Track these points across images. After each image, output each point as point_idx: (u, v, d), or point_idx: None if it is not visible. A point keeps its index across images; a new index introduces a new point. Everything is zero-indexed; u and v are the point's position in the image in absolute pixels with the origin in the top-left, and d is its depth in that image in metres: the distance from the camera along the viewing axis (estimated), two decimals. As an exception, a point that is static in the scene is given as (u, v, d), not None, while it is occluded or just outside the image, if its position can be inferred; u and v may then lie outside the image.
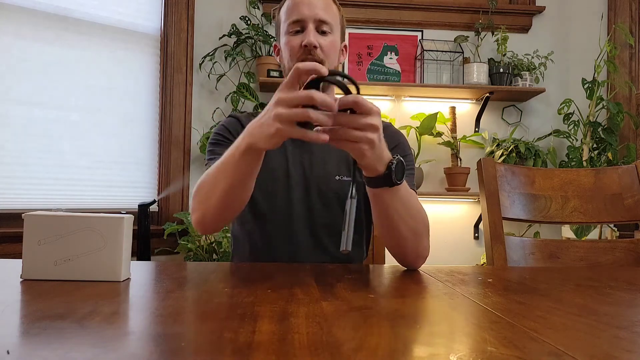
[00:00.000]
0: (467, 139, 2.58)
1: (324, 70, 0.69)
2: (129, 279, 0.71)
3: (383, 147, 0.76)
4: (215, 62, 2.48)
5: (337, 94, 0.81)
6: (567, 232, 2.41)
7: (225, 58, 2.47)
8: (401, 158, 0.79)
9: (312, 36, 1.02)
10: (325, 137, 0.68)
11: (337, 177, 1.07)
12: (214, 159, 1.03)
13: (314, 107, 0.68)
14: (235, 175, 0.84)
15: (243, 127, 1.08)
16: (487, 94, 2.52)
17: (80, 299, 0.58)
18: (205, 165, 1.07)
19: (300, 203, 1.07)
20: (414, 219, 0.88)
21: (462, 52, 2.61)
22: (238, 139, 0.82)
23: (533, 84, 2.55)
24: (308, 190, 1.07)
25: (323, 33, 1.04)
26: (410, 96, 2.59)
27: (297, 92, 0.68)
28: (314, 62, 0.72)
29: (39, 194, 2.10)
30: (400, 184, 0.80)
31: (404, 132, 2.53)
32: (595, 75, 2.47)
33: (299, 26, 1.04)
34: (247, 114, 1.17)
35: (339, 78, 0.72)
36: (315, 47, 1.02)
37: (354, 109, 0.70)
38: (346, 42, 1.16)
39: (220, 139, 1.09)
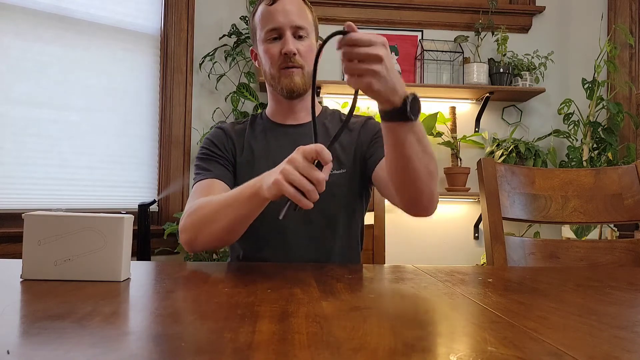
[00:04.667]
0: (467, 139, 2.58)
1: (329, 158, 0.76)
2: (129, 279, 0.71)
3: (395, 78, 0.76)
4: (215, 62, 2.48)
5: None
6: (567, 232, 2.41)
7: (225, 58, 2.47)
8: (416, 95, 0.79)
9: (290, 44, 1.05)
10: (309, 204, 0.76)
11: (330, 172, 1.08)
12: (201, 174, 1.07)
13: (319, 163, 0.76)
14: (239, 212, 0.89)
15: (229, 137, 1.15)
16: (487, 94, 2.52)
17: (80, 299, 0.58)
18: (194, 179, 1.09)
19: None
20: (429, 157, 0.87)
21: (462, 52, 2.61)
22: (250, 182, 0.88)
23: (533, 84, 2.55)
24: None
25: (300, 38, 1.07)
26: (410, 96, 2.59)
27: (307, 164, 0.75)
28: (329, 155, 0.77)
29: (39, 194, 2.10)
30: (415, 119, 0.80)
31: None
32: (595, 75, 2.47)
33: (276, 34, 1.07)
34: (231, 123, 1.20)
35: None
36: (294, 54, 1.05)
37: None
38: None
39: (208, 154, 1.11)
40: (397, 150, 0.85)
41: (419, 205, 0.91)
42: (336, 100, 2.52)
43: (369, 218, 1.24)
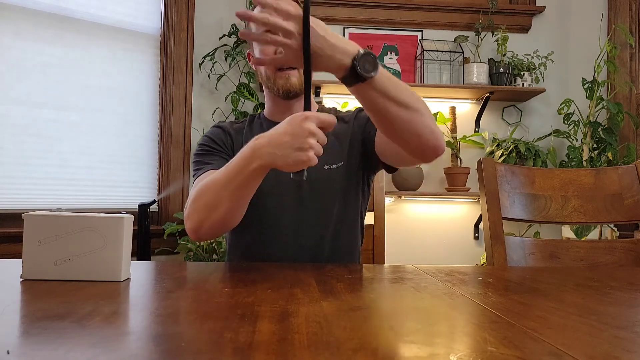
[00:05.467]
0: (467, 139, 2.58)
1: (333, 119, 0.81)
2: (129, 279, 0.71)
3: (333, 42, 0.76)
4: (215, 62, 2.48)
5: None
6: (567, 232, 2.41)
7: (225, 58, 2.47)
8: (369, 50, 0.78)
9: None
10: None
11: (325, 167, 1.09)
12: (202, 169, 1.06)
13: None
14: (242, 192, 0.88)
15: (228, 134, 1.15)
16: (487, 94, 2.52)
17: (80, 299, 0.58)
18: (193, 176, 1.09)
19: (290, 195, 1.08)
20: (410, 100, 0.85)
21: (462, 52, 2.61)
22: (244, 157, 0.86)
23: (533, 84, 2.55)
24: (299, 182, 1.08)
25: None
26: (410, 96, 2.59)
27: (322, 133, 0.79)
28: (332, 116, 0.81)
29: (39, 194, 2.10)
30: (371, 76, 0.78)
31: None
32: (595, 75, 2.47)
33: None
34: (230, 122, 1.21)
35: None
36: None
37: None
38: None
39: (207, 149, 1.12)
40: (375, 108, 0.84)
41: (426, 147, 0.90)
42: (336, 100, 2.52)
43: (369, 218, 1.24)
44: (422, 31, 2.64)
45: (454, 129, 2.58)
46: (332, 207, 1.09)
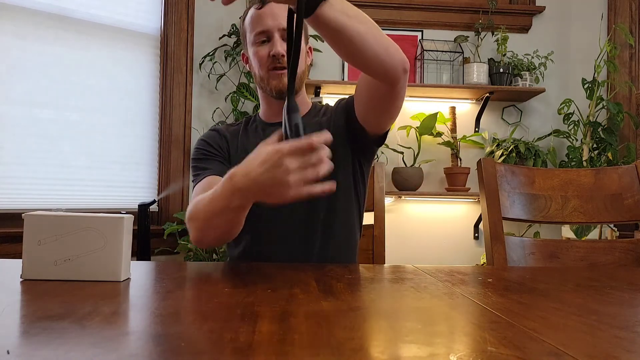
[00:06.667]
0: (467, 139, 2.58)
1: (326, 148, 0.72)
2: (129, 279, 0.71)
3: None
4: (215, 62, 2.48)
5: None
6: (567, 232, 2.41)
7: (225, 58, 2.47)
8: None
9: (279, 46, 1.06)
10: (331, 187, 0.72)
11: None
12: (200, 174, 1.08)
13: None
14: (232, 221, 0.89)
15: (224, 137, 1.16)
16: (487, 94, 2.52)
17: (80, 299, 0.58)
18: (193, 181, 1.10)
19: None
20: (364, 16, 0.85)
21: (462, 52, 2.61)
22: (226, 195, 0.82)
23: (533, 84, 2.55)
24: None
25: None
26: (410, 96, 2.59)
27: (303, 159, 0.71)
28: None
29: (39, 194, 2.10)
30: None
31: (403, 132, 2.54)
32: (595, 75, 2.47)
33: (264, 36, 1.08)
34: (226, 125, 1.22)
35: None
36: (282, 55, 1.06)
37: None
38: (310, 44, 1.22)
39: (203, 153, 1.12)
40: (342, 31, 0.80)
41: (395, 62, 0.89)
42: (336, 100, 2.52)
43: (368, 218, 1.24)
44: (422, 31, 2.64)
45: (454, 129, 2.58)
46: (323, 200, 1.08)
